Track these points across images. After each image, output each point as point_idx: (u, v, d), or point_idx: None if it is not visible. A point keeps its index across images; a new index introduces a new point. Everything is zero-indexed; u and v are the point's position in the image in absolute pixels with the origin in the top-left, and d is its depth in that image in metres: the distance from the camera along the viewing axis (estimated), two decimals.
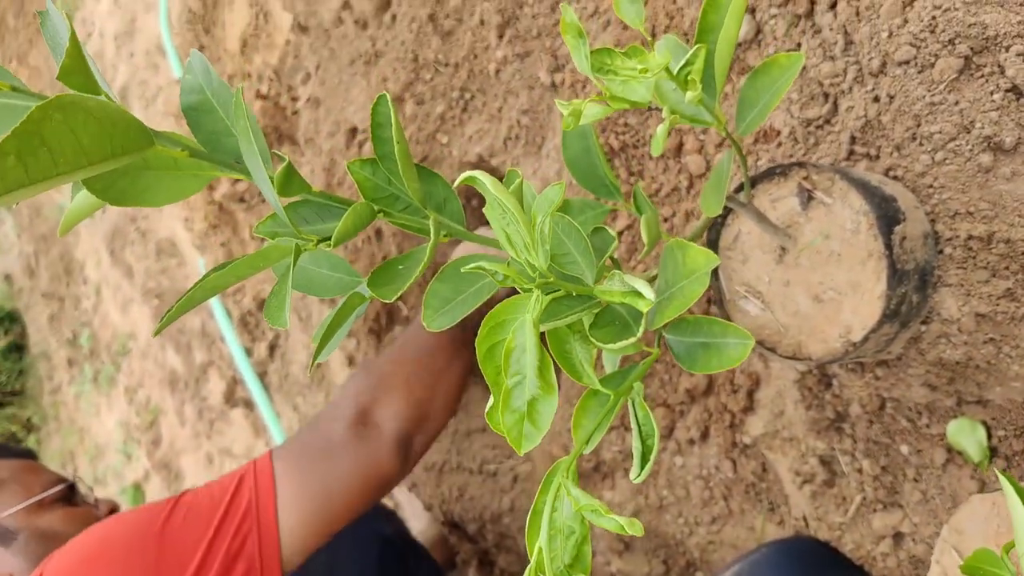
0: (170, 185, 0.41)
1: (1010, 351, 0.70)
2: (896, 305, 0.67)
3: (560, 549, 0.46)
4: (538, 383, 0.38)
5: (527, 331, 0.38)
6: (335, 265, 0.51)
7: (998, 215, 0.70)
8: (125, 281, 2.85)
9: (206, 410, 2.36)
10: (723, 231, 0.77)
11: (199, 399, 2.38)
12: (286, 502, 0.92)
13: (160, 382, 2.67)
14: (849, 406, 0.83)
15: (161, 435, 2.74)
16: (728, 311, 0.76)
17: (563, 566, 0.46)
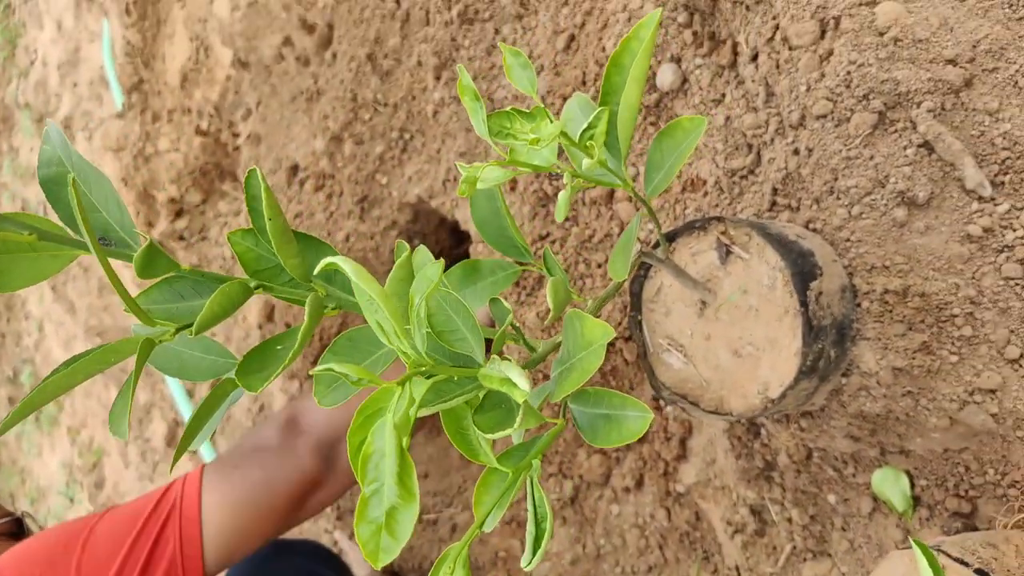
0: (26, 268, 0.39)
1: (927, 404, 0.70)
2: (813, 361, 0.66)
3: None
4: (397, 491, 0.36)
5: (387, 435, 0.36)
6: (208, 348, 0.49)
7: (913, 269, 0.70)
8: (68, 317, 2.77)
9: (149, 452, 2.29)
10: (646, 283, 0.77)
11: (142, 440, 2.32)
12: (211, 507, 0.92)
13: (103, 422, 2.59)
14: (777, 455, 0.82)
15: (104, 477, 2.66)
16: (651, 364, 0.76)
17: None
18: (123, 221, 0.47)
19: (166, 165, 1.78)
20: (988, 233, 0.69)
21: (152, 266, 0.42)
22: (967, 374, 0.69)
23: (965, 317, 0.69)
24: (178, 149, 1.76)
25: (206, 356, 0.49)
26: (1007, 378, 0.68)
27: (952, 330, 0.69)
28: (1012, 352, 0.68)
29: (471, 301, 0.60)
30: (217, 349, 0.49)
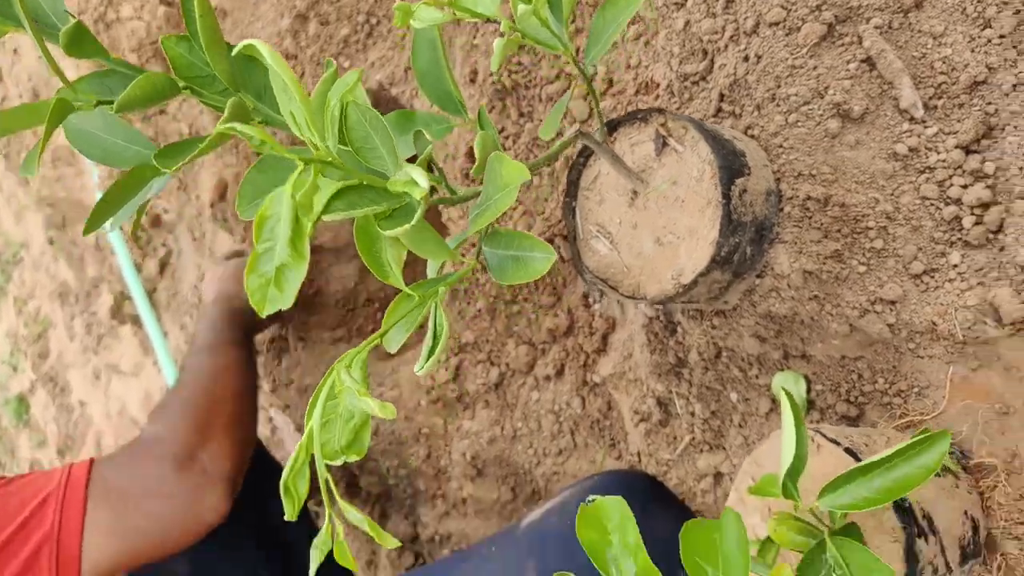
0: None
1: (831, 309, 0.74)
2: (727, 253, 0.69)
3: (338, 432, 0.47)
4: (289, 252, 0.38)
5: (284, 201, 0.38)
6: (131, 137, 0.50)
7: (838, 180, 0.73)
8: (20, 188, 2.72)
9: (95, 325, 2.29)
10: (584, 171, 0.79)
11: (89, 313, 2.31)
12: (95, 536, 0.88)
13: (51, 294, 2.57)
14: (689, 353, 0.86)
15: (49, 348, 2.65)
16: (579, 249, 0.78)
17: (339, 447, 0.47)
18: (56, 8, 0.47)
19: (127, 33, 1.73)
20: (913, 153, 0.71)
21: (79, 45, 0.43)
22: (872, 284, 0.73)
23: (879, 231, 0.72)
24: (141, 18, 1.71)
25: (129, 145, 0.50)
26: (908, 291, 0.72)
27: (865, 242, 0.73)
28: (916, 268, 0.71)
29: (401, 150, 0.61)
30: (141, 140, 0.50)
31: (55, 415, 2.61)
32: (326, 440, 0.46)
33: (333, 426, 0.47)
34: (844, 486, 0.47)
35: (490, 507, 1.11)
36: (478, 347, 1.09)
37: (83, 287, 2.28)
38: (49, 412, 2.66)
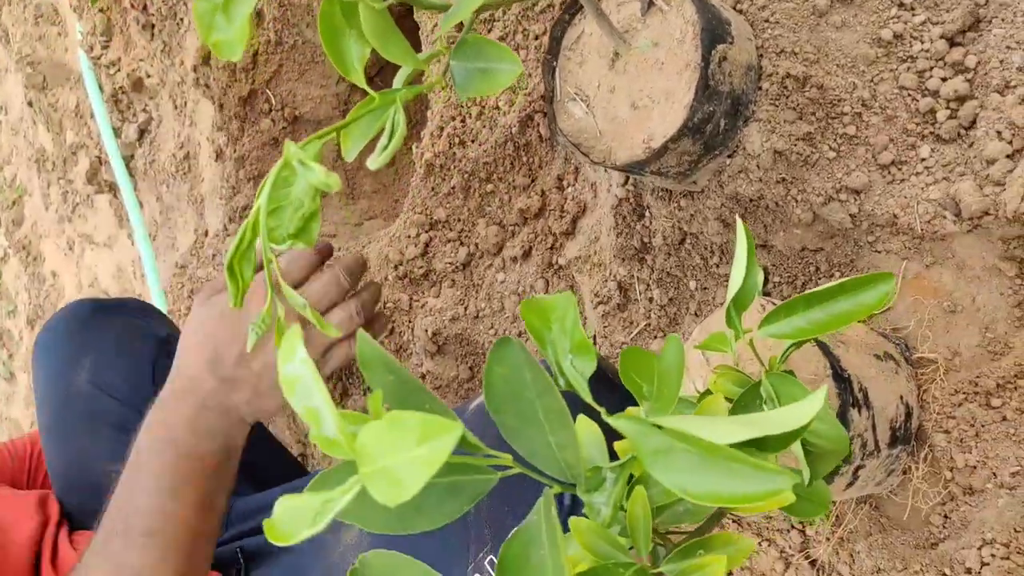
0: None
1: (797, 194, 0.74)
2: (700, 120, 0.69)
3: (287, 219, 0.47)
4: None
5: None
6: None
7: (819, 60, 0.73)
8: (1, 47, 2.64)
9: (71, 193, 2.26)
10: (568, 30, 0.77)
11: (66, 181, 2.28)
12: None
13: (28, 160, 2.52)
14: (654, 237, 0.87)
15: (24, 215, 2.62)
16: (556, 110, 0.77)
17: (287, 234, 0.47)
18: None
19: None
20: (898, 40, 0.71)
21: None
22: (839, 171, 0.73)
23: (853, 117, 0.72)
24: None
25: None
26: (874, 181, 0.72)
27: (838, 126, 0.73)
28: (885, 158, 0.72)
29: None
30: None
31: (27, 284, 2.59)
32: (275, 226, 0.46)
33: (283, 212, 0.47)
34: (785, 317, 0.48)
35: (447, 385, 1.13)
36: (449, 225, 1.09)
37: (61, 153, 2.24)
38: (21, 281, 2.65)
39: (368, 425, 0.31)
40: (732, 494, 0.34)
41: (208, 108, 1.60)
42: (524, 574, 0.33)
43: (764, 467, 0.34)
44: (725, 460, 0.35)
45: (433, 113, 1.08)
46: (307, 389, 0.34)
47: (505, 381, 0.42)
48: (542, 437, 0.41)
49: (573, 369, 0.45)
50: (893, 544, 0.78)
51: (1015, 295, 0.71)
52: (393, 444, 0.29)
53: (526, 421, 0.40)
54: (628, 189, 0.88)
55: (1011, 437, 0.72)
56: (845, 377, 0.63)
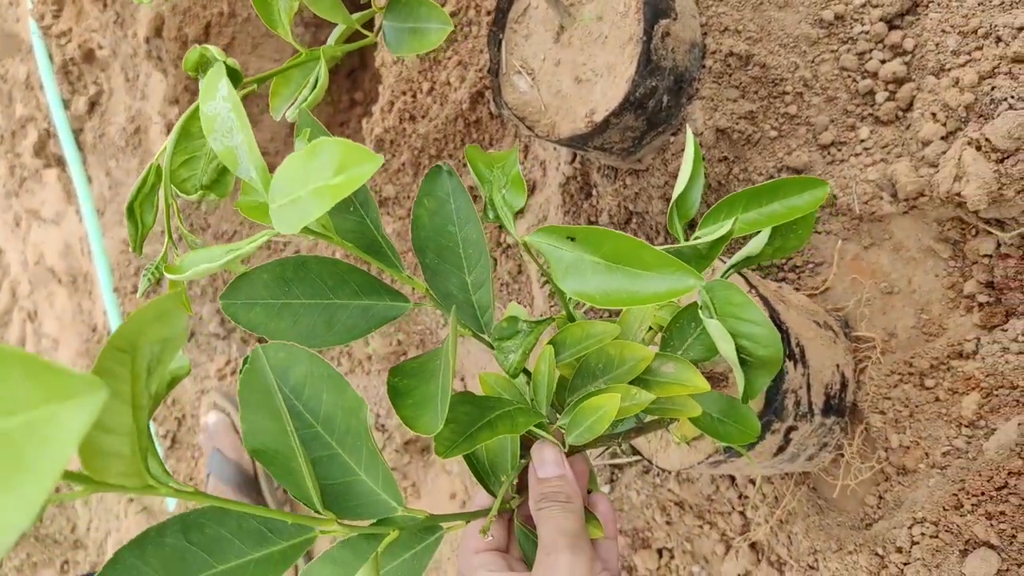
0: None
1: (739, 172, 0.75)
2: (643, 95, 0.69)
3: (201, 170, 0.45)
4: None
5: None
6: None
7: (762, 40, 0.73)
8: None
9: (19, 167, 2.19)
10: (515, 3, 0.77)
11: (13, 155, 2.21)
12: None
13: None
14: (600, 216, 0.86)
15: None
16: (501, 83, 0.77)
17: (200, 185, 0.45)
18: None
19: None
20: (839, 21, 0.71)
21: None
22: (781, 151, 0.73)
23: (795, 96, 0.72)
24: None
25: None
26: (814, 161, 0.73)
27: (780, 106, 0.73)
28: (826, 138, 0.72)
29: None
30: None
31: None
32: (188, 176, 0.45)
33: (196, 163, 0.45)
34: (725, 217, 0.48)
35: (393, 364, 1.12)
36: (398, 202, 1.08)
37: (10, 126, 2.17)
38: None
39: (289, 157, 0.30)
40: (638, 293, 0.34)
41: (160, 81, 1.57)
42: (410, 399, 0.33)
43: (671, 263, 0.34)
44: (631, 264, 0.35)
45: (384, 88, 1.06)
46: (228, 127, 0.32)
47: (431, 214, 0.42)
48: (459, 275, 0.41)
49: (504, 201, 0.45)
50: (829, 525, 0.79)
51: (949, 277, 0.71)
52: (311, 173, 0.29)
53: (446, 258, 0.41)
54: (575, 167, 0.87)
55: (943, 417, 0.73)
56: (783, 330, 0.63)
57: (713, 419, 0.50)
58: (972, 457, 0.68)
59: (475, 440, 0.35)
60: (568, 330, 0.43)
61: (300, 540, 0.28)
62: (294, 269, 0.37)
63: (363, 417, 0.32)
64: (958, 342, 0.70)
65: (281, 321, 0.36)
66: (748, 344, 0.45)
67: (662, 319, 0.50)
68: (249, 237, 1.30)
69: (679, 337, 0.49)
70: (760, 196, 0.47)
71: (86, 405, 0.15)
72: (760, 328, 0.45)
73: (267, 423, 0.29)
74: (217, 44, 1.36)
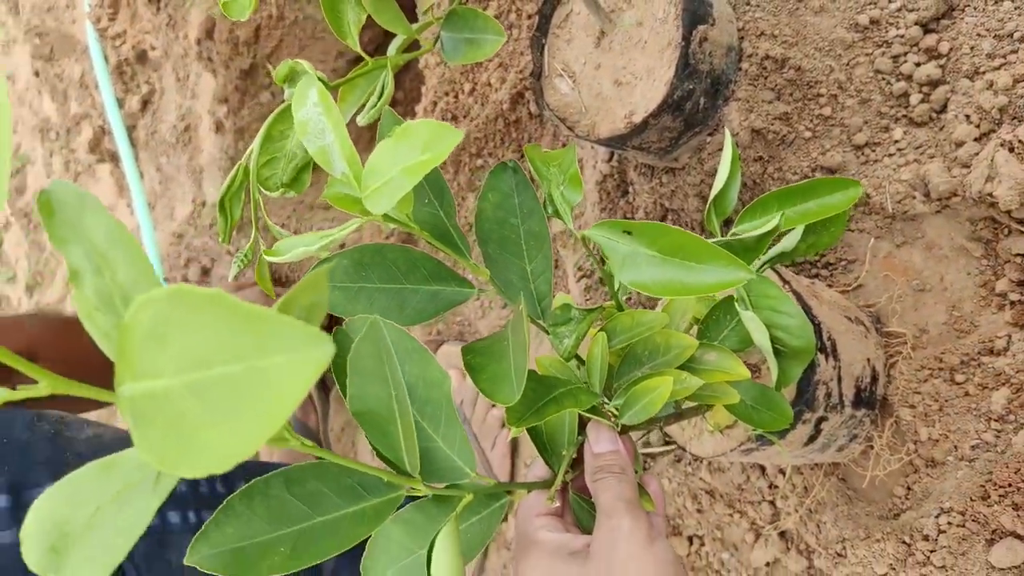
0: None
1: (773, 171, 0.77)
2: (680, 98, 0.71)
3: (282, 169, 0.49)
4: None
5: None
6: None
7: (797, 43, 0.75)
8: (10, 18, 2.66)
9: (73, 163, 2.28)
10: (558, 8, 0.80)
11: (68, 150, 2.30)
12: None
13: (32, 130, 2.54)
14: (636, 213, 0.89)
15: (27, 184, 2.64)
16: (543, 86, 0.80)
17: (281, 182, 0.49)
18: None
19: None
20: (874, 25, 0.73)
21: None
22: (815, 151, 0.76)
23: (829, 98, 0.75)
24: None
25: None
26: (848, 161, 0.75)
27: (814, 108, 0.75)
28: (860, 139, 0.74)
29: None
30: None
31: (27, 251, 2.62)
32: (269, 175, 0.49)
33: (277, 163, 0.50)
34: (761, 215, 0.51)
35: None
36: None
37: (65, 123, 2.26)
38: (21, 248, 2.67)
39: (379, 146, 0.34)
40: (690, 284, 0.38)
41: (210, 81, 1.62)
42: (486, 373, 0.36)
43: (721, 255, 0.37)
44: (684, 257, 0.38)
45: (427, 88, 1.10)
46: (320, 130, 0.37)
47: (495, 207, 0.46)
48: (520, 264, 0.44)
49: (562, 197, 0.48)
50: (858, 515, 0.81)
51: (981, 275, 0.73)
52: (400, 155, 0.32)
53: (508, 248, 0.44)
54: (612, 165, 0.90)
55: (972, 412, 0.75)
56: (816, 324, 0.65)
57: (747, 406, 0.53)
58: (1000, 450, 0.70)
59: (543, 413, 0.39)
60: (618, 318, 0.47)
61: (390, 498, 0.32)
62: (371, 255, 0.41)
63: (446, 389, 0.35)
64: (989, 339, 0.71)
65: (358, 303, 0.40)
66: (782, 335, 0.48)
67: (699, 311, 0.53)
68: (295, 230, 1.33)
69: (715, 328, 0.52)
70: (794, 195, 0.50)
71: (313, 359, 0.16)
72: (794, 320, 0.47)
73: (374, 388, 0.33)
74: (266, 46, 1.42)
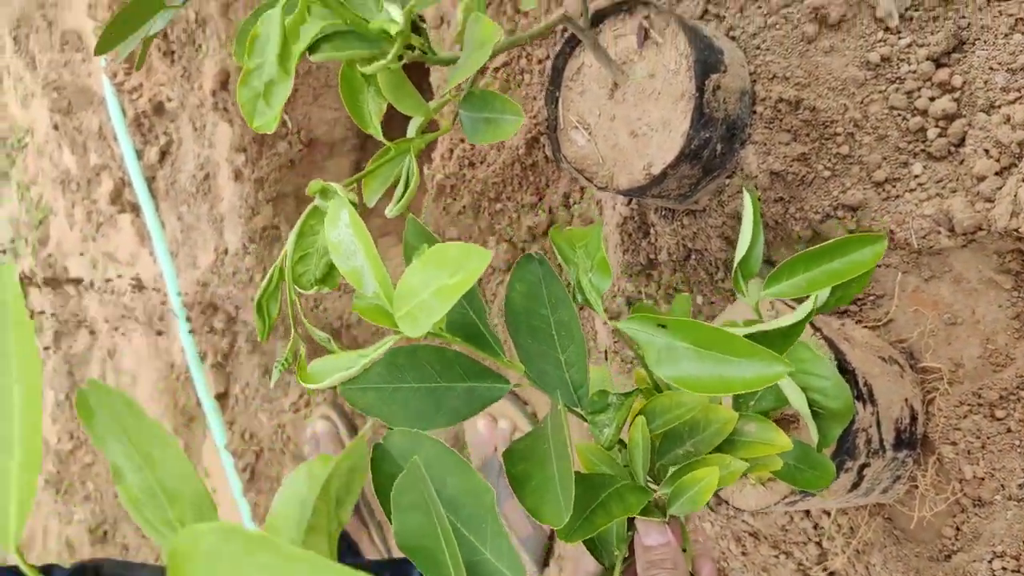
0: None
1: (795, 212, 0.77)
2: (697, 147, 0.72)
3: (314, 265, 0.50)
4: (277, 70, 0.41)
5: (274, 22, 0.41)
6: None
7: (810, 84, 0.75)
8: (28, 73, 2.71)
9: (95, 213, 2.32)
10: (569, 61, 0.80)
11: (89, 201, 2.34)
12: None
13: (53, 181, 2.59)
14: (659, 254, 0.89)
15: (49, 235, 2.69)
16: (559, 138, 0.80)
17: (314, 279, 0.50)
18: None
19: None
20: (885, 63, 0.73)
21: None
22: (835, 189, 0.76)
23: (846, 137, 0.75)
24: None
25: None
26: (869, 198, 0.75)
27: (832, 147, 0.75)
28: (879, 175, 0.74)
29: None
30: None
31: (52, 301, 2.66)
32: (303, 272, 0.50)
33: (309, 260, 0.50)
34: (787, 278, 0.51)
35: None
36: None
37: (85, 174, 2.30)
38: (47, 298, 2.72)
39: (410, 266, 0.35)
40: (729, 379, 0.38)
41: (226, 130, 1.65)
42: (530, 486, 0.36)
43: (759, 352, 0.37)
44: (722, 351, 0.38)
45: (443, 136, 1.11)
46: (352, 251, 0.38)
47: (523, 297, 0.46)
48: (553, 354, 0.45)
49: (590, 284, 0.49)
50: (907, 556, 0.80)
51: (1013, 307, 0.72)
52: (431, 277, 0.33)
53: (539, 338, 0.44)
54: (632, 208, 0.90)
55: (1016, 449, 0.74)
56: (850, 370, 0.65)
57: (790, 466, 0.53)
58: None
59: (593, 525, 0.39)
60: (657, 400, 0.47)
61: None
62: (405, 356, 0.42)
63: (489, 501, 0.36)
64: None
65: (393, 404, 0.41)
66: (819, 397, 0.48)
67: None
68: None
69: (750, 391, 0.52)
70: (821, 256, 0.50)
71: None
72: (829, 382, 0.47)
73: (418, 519, 0.33)
74: None
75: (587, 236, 0.49)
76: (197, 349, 1.75)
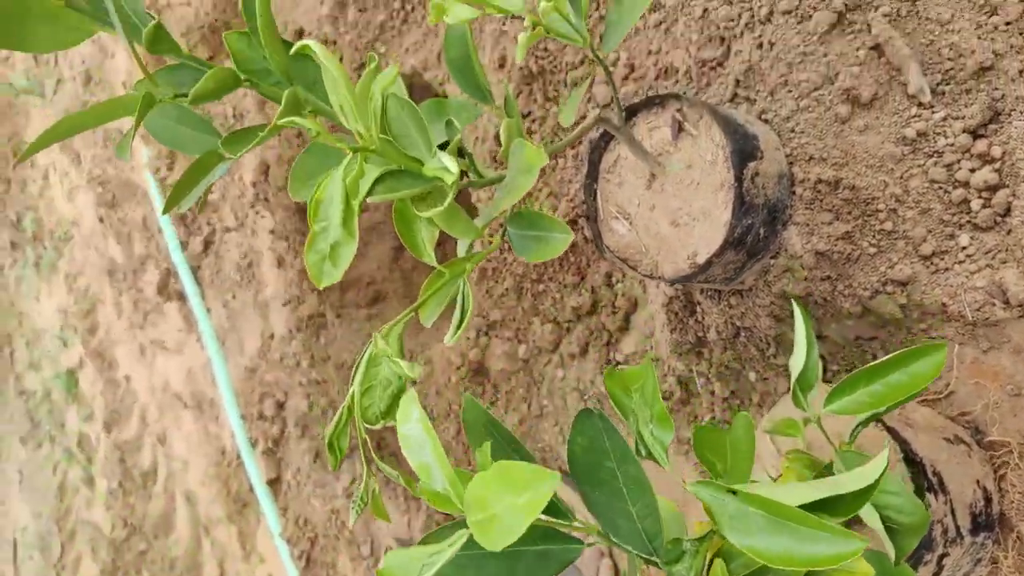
0: (48, 34, 0.44)
1: (843, 289, 0.77)
2: (741, 234, 0.73)
3: (378, 398, 0.51)
4: (342, 230, 0.43)
5: (336, 185, 0.43)
6: (200, 126, 0.55)
7: (848, 163, 0.76)
8: (73, 168, 2.83)
9: (142, 301, 2.38)
10: (605, 155, 0.82)
11: (136, 290, 2.41)
12: None
13: (100, 271, 2.67)
14: (708, 332, 0.90)
15: (98, 323, 2.76)
16: (600, 229, 0.82)
17: (379, 412, 0.51)
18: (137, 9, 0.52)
19: (177, 18, 1.80)
20: (922, 137, 0.74)
21: (158, 43, 0.47)
22: (882, 265, 0.76)
23: (888, 213, 0.75)
24: (189, 3, 1.78)
25: (198, 134, 0.55)
26: (918, 272, 0.74)
27: (875, 223, 0.75)
28: (926, 249, 0.74)
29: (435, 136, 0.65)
30: (208, 129, 0.55)
31: (102, 389, 2.72)
32: (367, 405, 0.51)
33: (373, 392, 0.52)
34: (849, 394, 0.51)
35: None
36: (505, 325, 1.13)
37: (131, 264, 2.37)
38: (97, 386, 2.78)
39: (478, 475, 0.36)
40: (804, 555, 0.37)
41: (268, 220, 1.70)
42: None
43: (832, 529, 0.37)
44: (795, 523, 0.38)
45: None
46: (420, 446, 0.39)
47: (586, 452, 0.46)
48: (623, 507, 0.44)
49: (652, 437, 0.49)
50: None
51: None
52: (500, 492, 0.34)
53: (607, 491, 0.44)
54: (677, 288, 0.91)
55: None
56: (917, 461, 0.64)
57: None
58: None
59: None
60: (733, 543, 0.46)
61: None
62: None
63: None
64: None
65: (468, 571, 0.41)
66: (892, 514, 0.47)
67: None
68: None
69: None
70: (882, 370, 0.50)
71: None
72: (900, 498, 0.47)
73: None
74: None
75: (641, 378, 0.49)
76: (248, 435, 1.77)
